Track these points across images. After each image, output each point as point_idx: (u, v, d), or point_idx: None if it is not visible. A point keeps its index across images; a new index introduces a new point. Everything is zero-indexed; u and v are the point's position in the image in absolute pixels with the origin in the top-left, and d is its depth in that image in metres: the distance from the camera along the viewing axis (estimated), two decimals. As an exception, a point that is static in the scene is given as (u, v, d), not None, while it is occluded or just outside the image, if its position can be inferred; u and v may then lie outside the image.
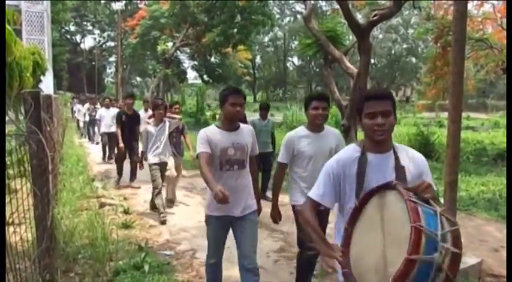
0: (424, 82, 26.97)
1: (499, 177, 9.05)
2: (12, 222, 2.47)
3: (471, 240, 5.25)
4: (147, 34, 25.41)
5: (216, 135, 3.07)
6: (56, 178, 5.02)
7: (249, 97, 39.87)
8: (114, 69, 49.81)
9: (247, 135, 3.19)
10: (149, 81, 48.74)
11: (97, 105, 15.51)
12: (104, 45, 55.20)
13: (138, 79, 60.55)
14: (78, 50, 53.31)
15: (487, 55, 16.72)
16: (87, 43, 74.28)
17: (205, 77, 30.64)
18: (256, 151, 3.30)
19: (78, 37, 54.59)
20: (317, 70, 49.28)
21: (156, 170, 6.04)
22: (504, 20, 14.46)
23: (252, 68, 52.66)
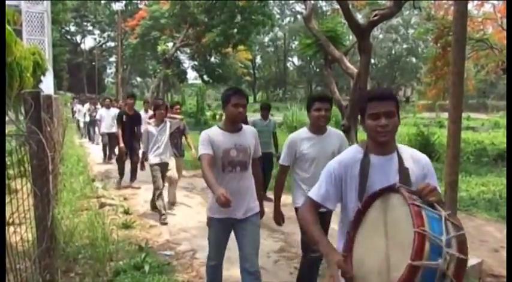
0: (424, 82, 27.00)
1: (499, 177, 9.05)
2: (12, 222, 2.47)
3: (471, 240, 5.19)
4: (147, 34, 25.42)
5: (219, 136, 3.04)
6: (56, 178, 5.02)
7: (249, 97, 39.64)
8: (114, 69, 49.86)
9: (249, 136, 3.15)
10: (149, 81, 48.79)
11: (97, 105, 15.53)
12: (104, 45, 55.26)
13: (138, 79, 60.59)
14: (78, 50, 53.38)
15: (488, 55, 16.73)
16: (87, 43, 74.35)
17: (205, 77, 30.62)
18: (259, 153, 3.26)
19: (78, 37, 54.72)
20: (317, 70, 49.27)
21: (157, 171, 6.01)
22: (504, 20, 14.46)
23: (252, 68, 52.66)
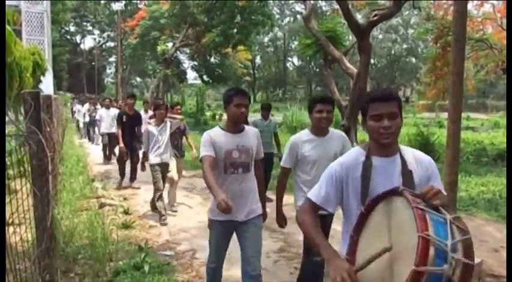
0: (424, 82, 27.02)
1: (499, 177, 9.05)
2: (12, 222, 2.47)
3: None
4: (147, 34, 25.43)
5: (221, 137, 2.99)
6: (56, 178, 5.02)
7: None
8: (114, 69, 49.87)
9: (252, 137, 3.10)
10: (149, 81, 48.81)
11: (97, 105, 15.53)
12: (104, 45, 55.26)
13: (138, 79, 60.58)
14: (78, 51, 53.39)
15: (487, 55, 16.74)
16: (87, 43, 74.50)
17: (205, 78, 30.62)
18: (261, 154, 3.21)
19: (78, 37, 54.73)
20: (317, 70, 49.29)
21: (157, 172, 5.96)
22: (504, 20, 14.47)
23: (252, 68, 52.63)
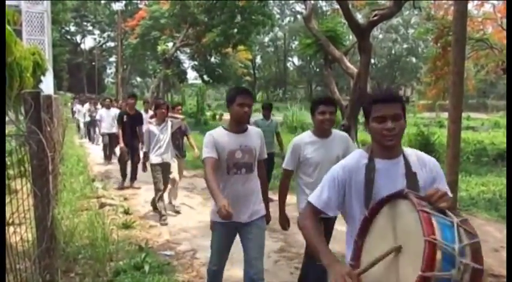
0: (425, 82, 27.07)
1: (499, 177, 9.04)
2: (12, 222, 2.48)
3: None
4: (147, 34, 25.44)
5: (223, 137, 2.95)
6: (56, 178, 5.02)
7: (250, 97, 39.70)
8: (114, 69, 49.86)
9: (255, 137, 3.05)
10: (149, 81, 48.79)
11: (98, 105, 15.53)
12: (104, 45, 55.25)
13: (138, 79, 60.57)
14: (78, 51, 53.38)
15: (487, 55, 16.77)
16: (87, 43, 74.40)
17: (205, 77, 30.60)
18: (264, 155, 3.16)
19: (78, 37, 54.71)
20: (317, 70, 49.28)
21: (158, 172, 5.91)
22: (504, 20, 14.47)
23: (252, 68, 52.63)
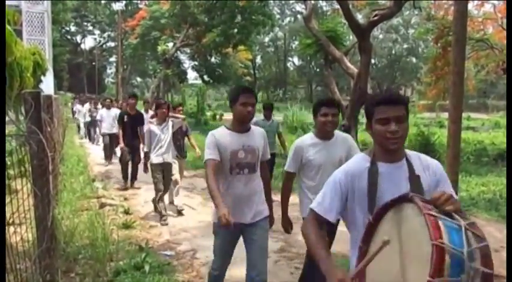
0: (425, 82, 27.06)
1: (500, 177, 9.04)
2: (12, 222, 2.48)
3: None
4: (148, 34, 25.45)
5: (226, 137, 2.90)
6: (57, 178, 5.02)
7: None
8: (114, 69, 49.83)
9: (258, 137, 3.01)
10: (149, 81, 48.78)
11: (98, 105, 15.53)
12: (104, 45, 55.26)
13: (139, 79, 60.57)
14: (78, 51, 53.38)
15: (488, 55, 16.76)
16: (87, 43, 74.46)
17: (205, 78, 30.60)
18: (267, 155, 3.12)
19: (78, 37, 54.71)
20: (317, 70, 49.28)
21: (159, 172, 5.87)
22: (504, 20, 14.47)
23: (253, 68, 52.62)
